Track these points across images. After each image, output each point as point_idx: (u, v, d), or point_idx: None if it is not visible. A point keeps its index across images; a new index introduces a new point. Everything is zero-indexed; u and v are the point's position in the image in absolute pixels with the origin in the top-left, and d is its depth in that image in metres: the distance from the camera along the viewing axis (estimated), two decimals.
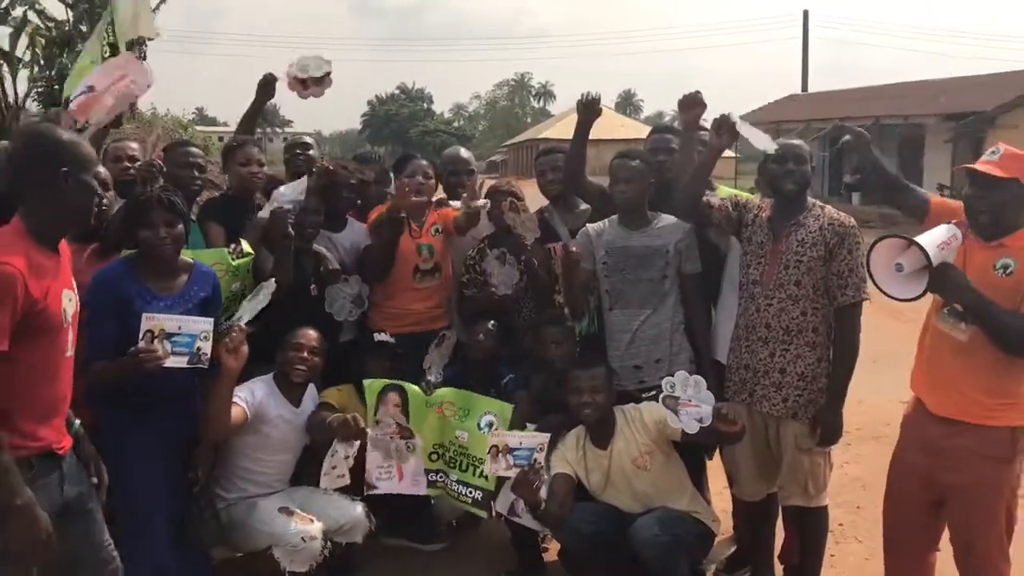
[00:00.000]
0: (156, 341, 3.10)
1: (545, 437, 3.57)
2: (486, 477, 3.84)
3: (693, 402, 3.37)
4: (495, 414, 3.91)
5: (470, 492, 3.93)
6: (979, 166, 3.00)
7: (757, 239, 3.68)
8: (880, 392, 5.75)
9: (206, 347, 3.19)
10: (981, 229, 3.02)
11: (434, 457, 4.01)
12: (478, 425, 3.94)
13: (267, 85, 4.51)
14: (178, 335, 3.14)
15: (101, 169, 2.69)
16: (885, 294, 2.92)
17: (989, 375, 2.99)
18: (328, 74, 4.45)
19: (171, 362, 3.12)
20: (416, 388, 3.97)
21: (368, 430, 3.68)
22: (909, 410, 3.31)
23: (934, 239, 2.86)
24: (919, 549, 3.25)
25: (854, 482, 5.14)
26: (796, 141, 3.69)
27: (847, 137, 3.49)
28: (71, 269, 2.62)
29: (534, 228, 4.09)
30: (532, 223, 4.09)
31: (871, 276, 2.95)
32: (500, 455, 3.52)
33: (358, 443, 3.70)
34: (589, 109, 4.07)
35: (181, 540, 3.45)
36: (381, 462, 3.87)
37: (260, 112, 4.81)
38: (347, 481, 3.71)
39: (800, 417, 3.61)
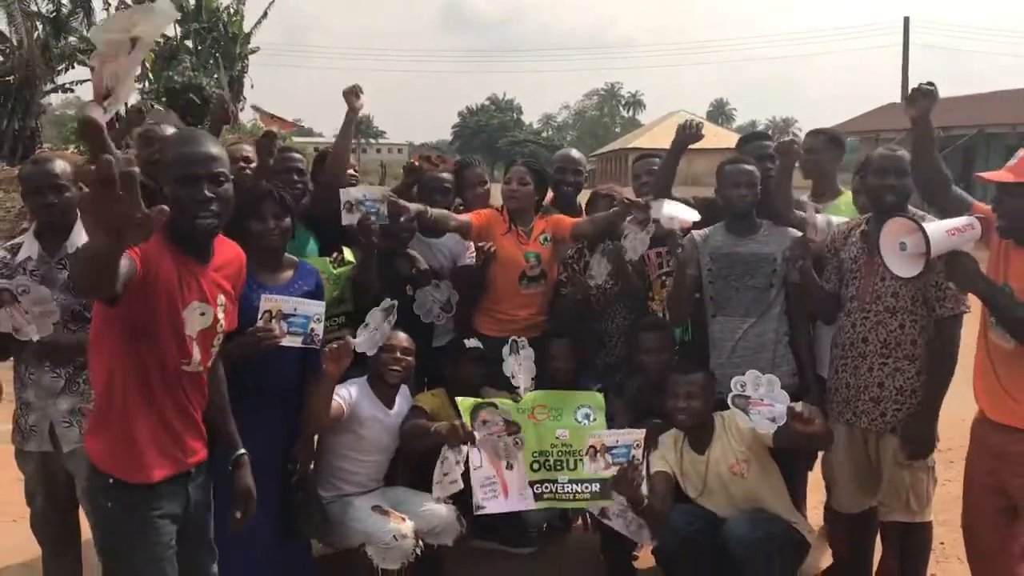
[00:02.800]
0: (274, 321, 3.23)
1: (641, 433, 3.51)
2: None
3: (766, 401, 3.29)
4: (590, 405, 3.87)
5: (587, 487, 3.78)
6: (990, 174, 3.06)
7: (851, 255, 3.62)
8: None
9: (319, 329, 3.31)
10: (1003, 234, 3.02)
11: (536, 467, 3.88)
12: (575, 419, 3.90)
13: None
14: (294, 316, 3.27)
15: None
16: (886, 268, 3.02)
17: None
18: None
19: (287, 341, 3.25)
20: (507, 400, 3.94)
21: (475, 433, 3.70)
22: (976, 416, 3.24)
23: (943, 225, 2.93)
24: (1001, 557, 3.14)
25: (956, 500, 4.88)
26: (899, 152, 3.61)
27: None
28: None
29: (638, 248, 4.04)
30: (642, 245, 4.03)
31: (879, 249, 3.02)
32: (598, 455, 3.47)
33: (467, 448, 3.75)
34: (691, 137, 4.05)
35: (283, 532, 3.56)
36: (484, 480, 3.79)
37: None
38: (460, 486, 3.75)
39: (899, 432, 3.53)
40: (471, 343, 4.18)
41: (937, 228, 2.89)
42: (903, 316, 3.49)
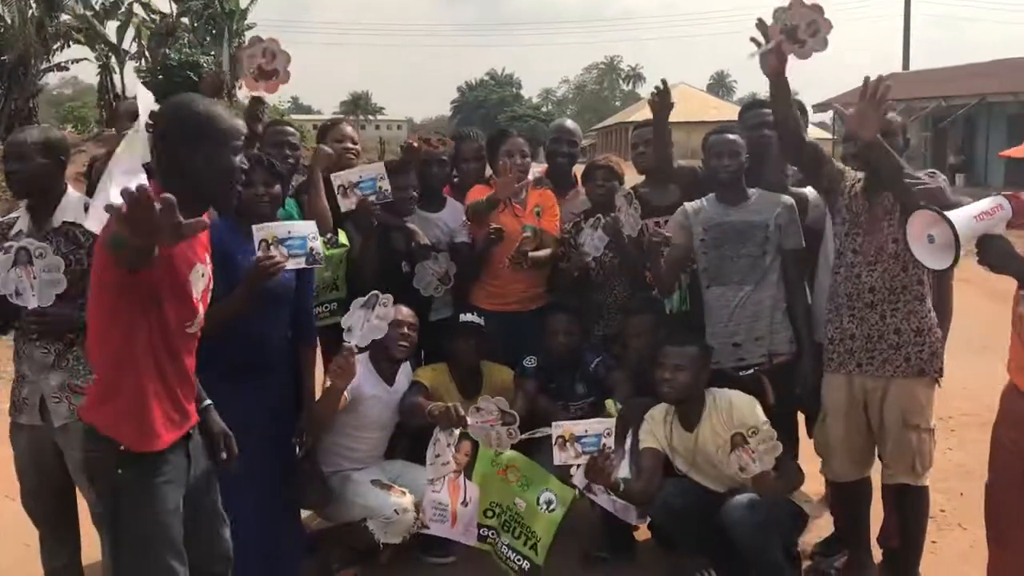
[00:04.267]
0: (272, 248, 3.22)
1: (611, 422, 3.47)
2: (535, 550, 3.73)
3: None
4: (557, 495, 3.77)
5: (518, 559, 3.75)
6: (1010, 151, 2.95)
7: (855, 208, 3.60)
8: (986, 378, 5.51)
9: (317, 246, 3.31)
10: None
11: (489, 514, 3.84)
12: (537, 500, 3.79)
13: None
14: (290, 239, 3.26)
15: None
16: (920, 264, 2.96)
17: None
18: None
19: (291, 264, 3.24)
20: (488, 452, 3.81)
21: (468, 418, 3.67)
22: (1006, 387, 3.20)
23: (970, 211, 2.86)
24: (1020, 525, 3.13)
25: (958, 468, 4.96)
26: (893, 115, 3.59)
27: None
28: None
29: (634, 225, 4.02)
30: (636, 222, 4.02)
31: (907, 245, 2.98)
32: (568, 444, 3.42)
33: (459, 430, 3.74)
34: (664, 106, 3.90)
35: (280, 506, 3.53)
36: (436, 504, 3.77)
37: None
38: (453, 468, 3.75)
39: (927, 372, 3.53)
40: (466, 318, 4.16)
41: (964, 215, 2.83)
42: (905, 258, 3.48)
